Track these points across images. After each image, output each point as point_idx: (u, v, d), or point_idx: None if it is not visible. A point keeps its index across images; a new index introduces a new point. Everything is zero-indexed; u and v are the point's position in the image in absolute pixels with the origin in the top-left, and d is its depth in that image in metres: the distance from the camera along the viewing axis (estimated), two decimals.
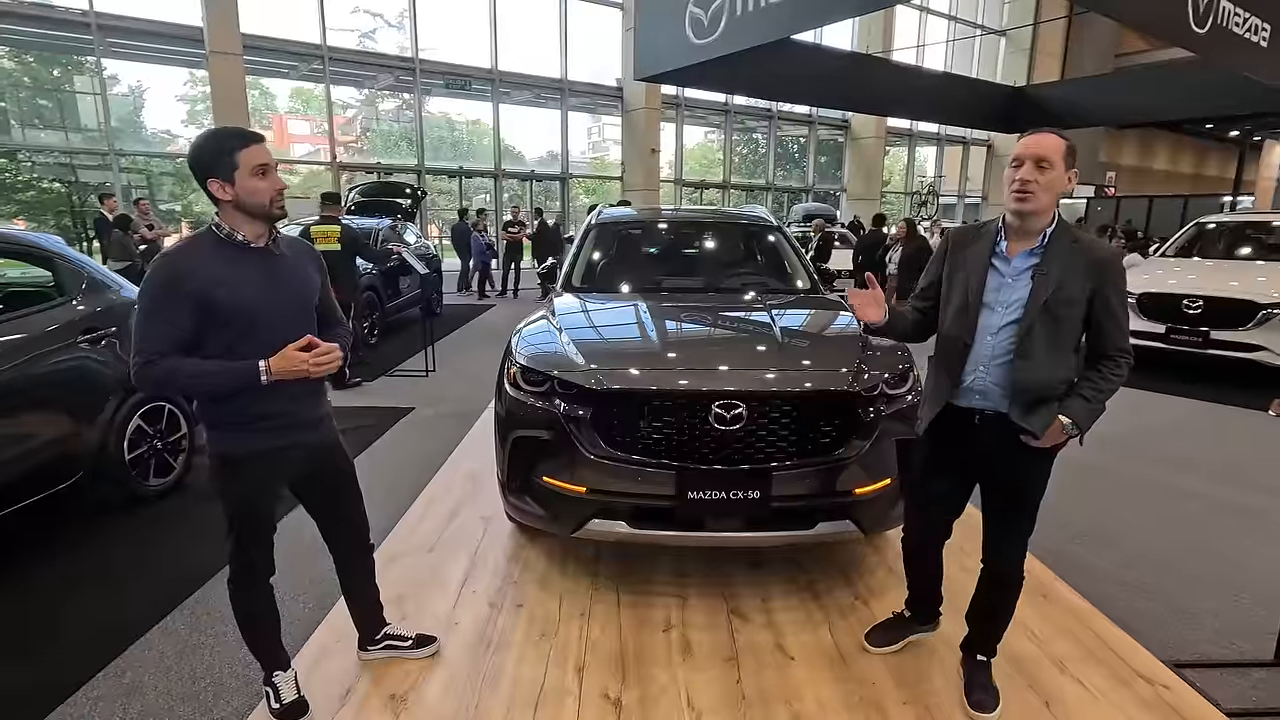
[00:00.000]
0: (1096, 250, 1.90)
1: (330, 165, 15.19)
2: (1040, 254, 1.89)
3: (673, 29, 8.71)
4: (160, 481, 3.62)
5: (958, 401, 2.00)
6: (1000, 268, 1.94)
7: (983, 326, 1.94)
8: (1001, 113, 14.00)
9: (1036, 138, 1.85)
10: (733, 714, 2.12)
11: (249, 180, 1.77)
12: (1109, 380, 1.89)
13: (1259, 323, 5.84)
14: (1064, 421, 1.85)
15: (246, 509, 1.94)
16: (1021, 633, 2.49)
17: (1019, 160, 1.85)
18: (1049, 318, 1.86)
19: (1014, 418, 1.90)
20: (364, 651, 2.35)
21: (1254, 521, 3.54)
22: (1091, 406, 1.87)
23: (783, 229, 4.26)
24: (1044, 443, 1.88)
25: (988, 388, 1.95)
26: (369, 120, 17.98)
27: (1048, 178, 1.82)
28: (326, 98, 15.00)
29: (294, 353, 1.80)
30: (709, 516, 2.52)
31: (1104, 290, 1.85)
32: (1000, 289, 1.93)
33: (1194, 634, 2.57)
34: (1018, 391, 1.89)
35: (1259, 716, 2.13)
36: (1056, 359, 1.88)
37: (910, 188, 23.63)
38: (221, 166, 1.76)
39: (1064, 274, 1.85)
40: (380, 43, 16.22)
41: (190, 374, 1.76)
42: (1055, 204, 1.88)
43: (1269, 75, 8.67)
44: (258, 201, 1.79)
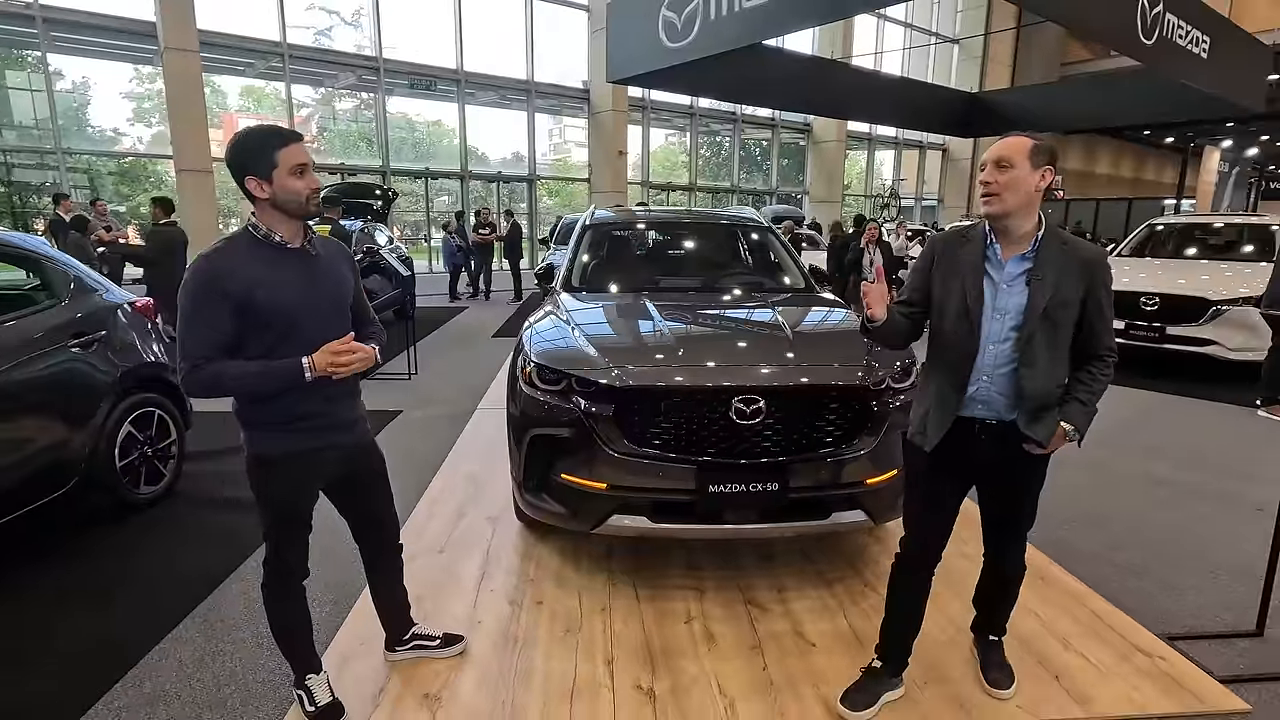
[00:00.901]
0: (1085, 251, 1.89)
1: None
2: (1033, 258, 1.86)
3: (645, 32, 8.78)
4: (151, 489, 3.52)
5: (963, 412, 1.96)
6: (994, 274, 1.90)
7: (985, 336, 1.90)
8: (958, 117, 14.45)
9: (1001, 140, 1.85)
10: (764, 700, 2.18)
11: (287, 179, 1.76)
12: (1100, 381, 1.91)
13: (1210, 318, 6.19)
14: (1066, 428, 1.87)
15: (284, 509, 1.92)
16: (1025, 613, 2.62)
17: (984, 164, 1.86)
18: (1048, 323, 1.85)
19: (1021, 427, 1.89)
20: (391, 652, 2.34)
21: (1222, 504, 3.76)
22: (1087, 410, 1.90)
23: (774, 230, 4.36)
24: (1048, 450, 1.91)
25: (991, 397, 1.91)
26: (325, 120, 17.60)
27: (1008, 176, 1.80)
28: (287, 96, 14.65)
29: (336, 345, 1.79)
30: (729, 509, 2.58)
31: (1096, 291, 1.86)
32: (997, 295, 1.90)
33: (1181, 609, 2.73)
34: (1024, 400, 1.88)
35: (1248, 682, 2.28)
36: (1056, 363, 1.90)
37: (870, 191, 24.19)
38: (260, 165, 1.75)
39: (1058, 278, 1.84)
40: (336, 41, 15.92)
41: (235, 376, 1.75)
42: (1031, 205, 1.84)
43: (1208, 84, 9.18)
44: (295, 200, 1.79)
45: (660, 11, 8.47)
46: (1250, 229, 7.56)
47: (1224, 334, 6.12)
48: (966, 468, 2.02)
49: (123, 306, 3.54)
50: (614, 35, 9.81)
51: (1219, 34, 9.16)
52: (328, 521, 2.05)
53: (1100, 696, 2.19)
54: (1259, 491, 3.81)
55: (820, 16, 8.39)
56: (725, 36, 7.77)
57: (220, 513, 3.50)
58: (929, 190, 25.26)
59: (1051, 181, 1.86)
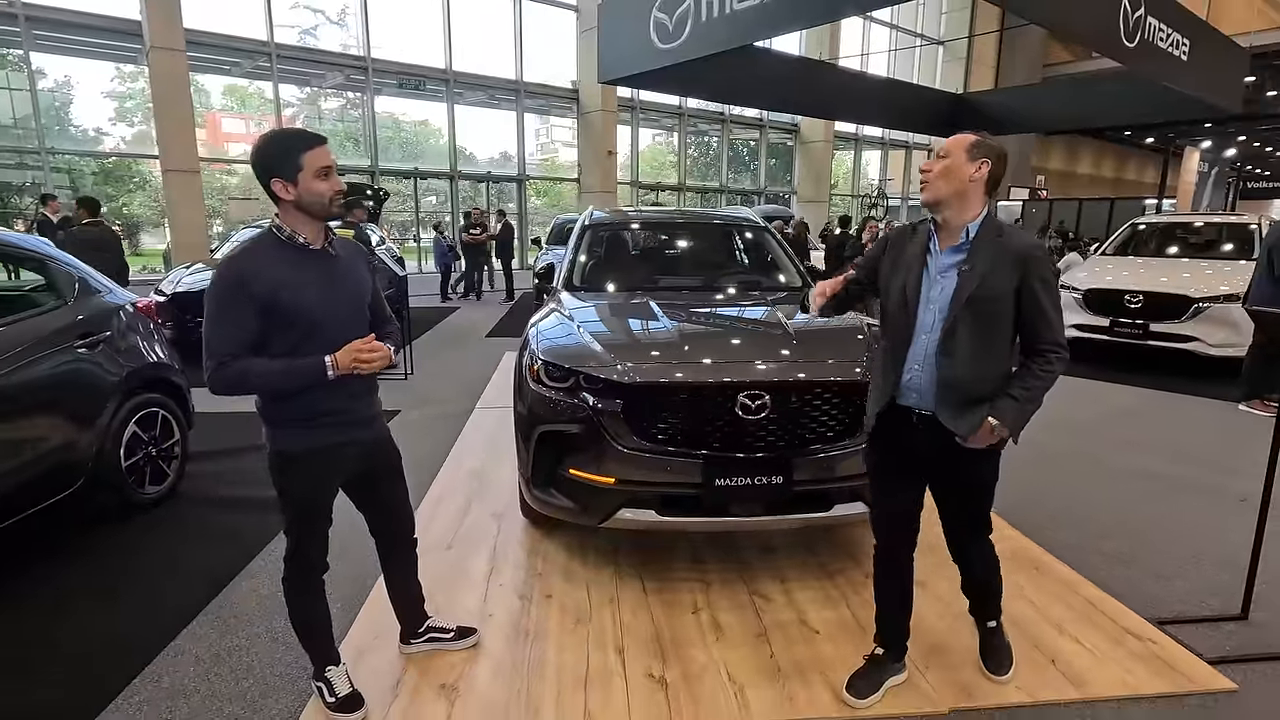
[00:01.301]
0: (1020, 243, 1.87)
1: None
2: (966, 250, 1.88)
3: (637, 33, 8.82)
4: (156, 489, 3.53)
5: (900, 400, 2.00)
6: (931, 265, 1.94)
7: (919, 325, 1.95)
8: (944, 118, 14.59)
9: (951, 136, 1.93)
10: (773, 686, 2.25)
11: (312, 181, 1.80)
12: (1038, 378, 1.87)
13: (1192, 315, 6.34)
14: (992, 423, 1.85)
15: (306, 504, 1.96)
16: (1020, 600, 2.71)
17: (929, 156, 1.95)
18: (973, 315, 1.85)
19: (942, 419, 1.90)
20: (406, 645, 2.38)
21: (1206, 496, 3.87)
22: (1021, 406, 1.85)
23: (771, 230, 4.44)
24: (974, 443, 1.89)
25: (922, 387, 1.94)
26: (311, 119, 17.48)
27: (943, 165, 1.85)
28: (275, 96, 14.56)
29: (357, 346, 1.84)
30: (735, 502, 2.64)
31: (1029, 283, 1.84)
32: (930, 287, 1.93)
33: (1170, 595, 2.83)
34: (943, 390, 1.89)
35: (1234, 662, 2.37)
36: (984, 357, 1.87)
37: (856, 190, 24.39)
38: (286, 167, 1.78)
39: (987, 269, 1.84)
40: (322, 40, 15.84)
41: (260, 374, 1.78)
42: (964, 195, 1.86)
43: (1188, 86, 9.37)
44: (319, 201, 1.83)
45: (652, 13, 8.52)
46: (1229, 228, 7.74)
47: (1205, 331, 6.27)
48: (913, 460, 2.05)
49: (125, 307, 3.55)
50: (605, 36, 9.85)
51: (1198, 37, 9.36)
52: (339, 518, 2.08)
53: (1095, 679, 2.28)
54: (1241, 484, 3.93)
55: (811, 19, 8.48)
56: (717, 38, 7.83)
57: (224, 512, 3.52)
58: (915, 190, 25.50)
59: (986, 174, 1.86)
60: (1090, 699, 2.19)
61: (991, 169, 1.87)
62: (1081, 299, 7.04)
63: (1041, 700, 2.19)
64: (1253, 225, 7.56)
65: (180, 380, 3.78)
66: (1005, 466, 2.06)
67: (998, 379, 1.89)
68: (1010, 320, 1.89)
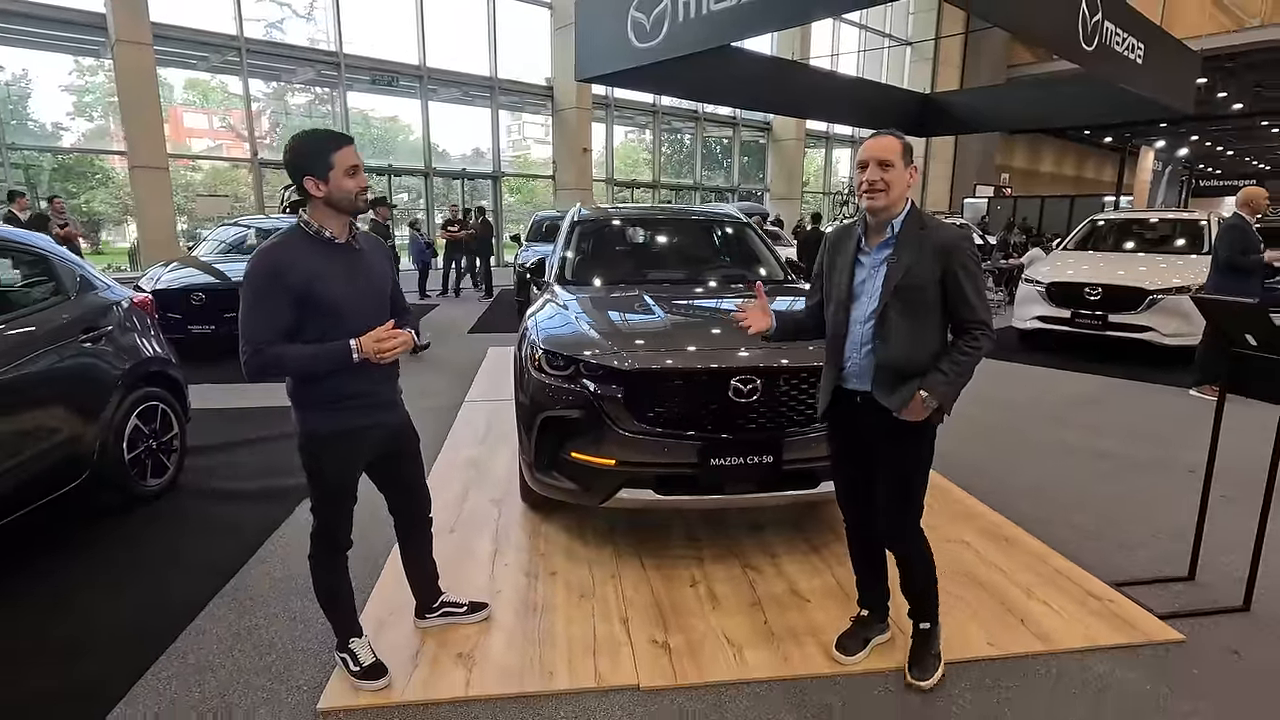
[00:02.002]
0: (942, 236, 2.02)
1: (251, 162, 14.55)
2: (892, 244, 2.05)
3: (614, 31, 8.93)
4: (157, 482, 3.58)
5: (844, 385, 2.17)
6: (864, 261, 2.11)
7: (853, 317, 2.12)
8: (912, 117, 14.96)
9: (878, 141, 2.02)
10: (769, 648, 2.42)
11: (342, 179, 1.92)
12: (966, 354, 2.01)
13: (1147, 307, 6.70)
14: (922, 395, 1.99)
15: (334, 483, 2.07)
16: (991, 569, 2.93)
17: (864, 163, 2.02)
18: (902, 302, 2.01)
19: (877, 396, 2.06)
20: (421, 620, 2.51)
21: (1159, 474, 4.15)
22: (949, 380, 1.99)
23: (754, 226, 4.62)
24: (907, 416, 2.02)
25: (862, 371, 2.11)
26: (278, 115, 17.23)
27: (890, 175, 1.98)
28: (244, 91, 14.37)
29: (380, 332, 1.96)
30: (729, 481, 2.81)
31: (952, 270, 1.98)
32: (864, 280, 2.10)
33: (1129, 563, 3.06)
34: (878, 371, 2.06)
35: (1182, 617, 2.61)
36: (915, 339, 2.03)
37: (828, 188, 24.81)
38: (318, 166, 1.90)
39: (912, 260, 2.00)
40: (288, 34, 15.64)
41: (293, 358, 1.90)
42: (903, 197, 2.04)
43: (1143, 87, 9.80)
44: (347, 197, 1.94)
45: (629, 11, 8.65)
46: (1182, 224, 8.14)
47: (1160, 321, 6.63)
48: (858, 440, 2.20)
49: (122, 302, 3.60)
50: (582, 34, 9.93)
51: (1152, 40, 9.78)
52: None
53: (1058, 633, 2.50)
54: (1190, 461, 4.24)
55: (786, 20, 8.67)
56: (694, 38, 7.98)
57: (225, 503, 3.59)
58: None
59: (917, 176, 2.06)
60: (1055, 650, 2.41)
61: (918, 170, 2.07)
62: (1044, 292, 7.38)
63: (1012, 653, 2.40)
64: (1202, 222, 7.97)
65: (178, 374, 3.83)
66: (981, 451, 2.23)
67: (927, 358, 2.04)
68: (937, 305, 2.03)
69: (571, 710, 2.13)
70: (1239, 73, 23.58)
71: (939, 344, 2.07)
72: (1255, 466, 2.81)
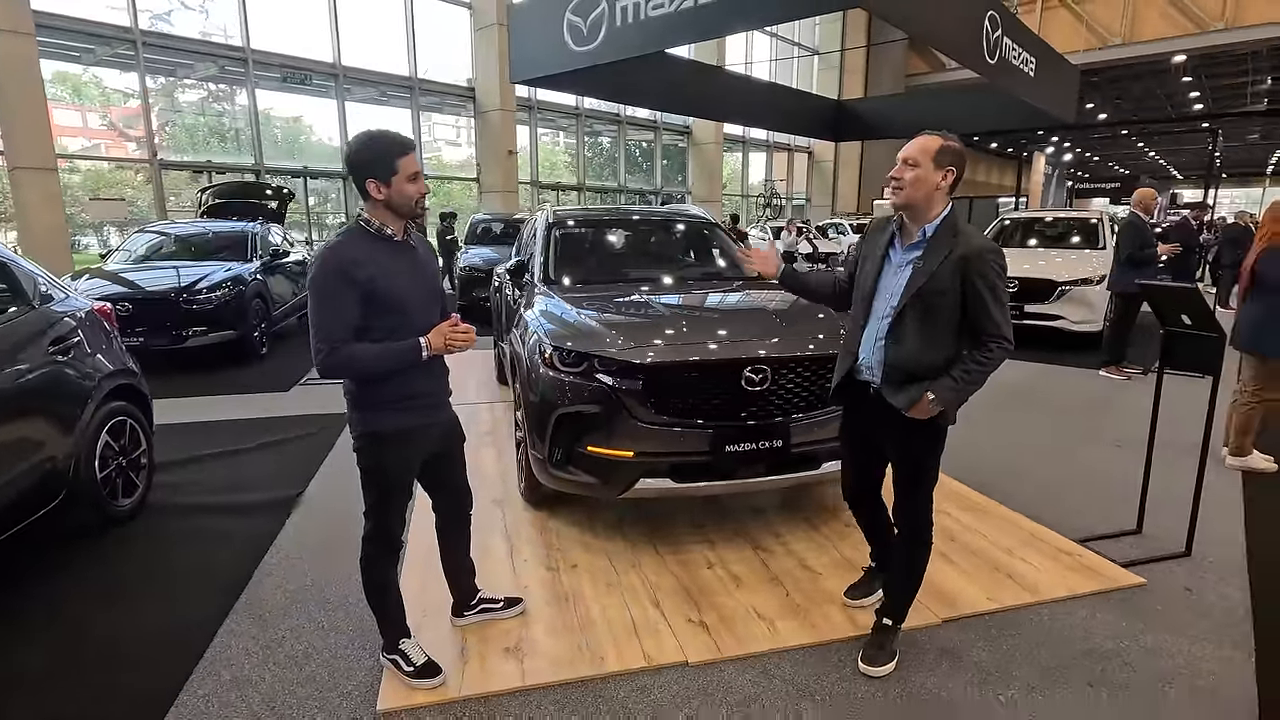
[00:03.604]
0: (969, 244, 2.02)
1: (151, 163, 13.57)
2: (922, 247, 2.07)
3: (550, 35, 8.96)
4: (129, 500, 3.37)
5: (859, 375, 2.24)
6: (892, 258, 2.16)
7: (874, 310, 2.17)
8: (826, 122, 15.79)
9: (916, 138, 2.05)
10: (797, 618, 2.59)
11: (404, 184, 1.93)
12: (979, 364, 2.03)
13: (1057, 297, 7.38)
14: (930, 397, 2.04)
15: (393, 481, 2.08)
16: (974, 534, 3.23)
17: (896, 160, 2.07)
18: (922, 305, 2.04)
19: (884, 394, 2.12)
20: (459, 618, 2.52)
21: (1091, 448, 4.64)
22: (958, 387, 2.03)
23: (721, 226, 4.81)
24: (913, 415, 2.07)
25: (874, 364, 2.17)
26: (166, 113, 16.05)
27: (913, 174, 2.01)
28: (141, 86, 13.40)
29: (444, 327, 1.99)
30: (742, 466, 2.96)
31: (971, 279, 2.00)
32: (888, 277, 2.15)
33: (1083, 523, 3.41)
34: (888, 369, 2.12)
35: (1140, 564, 2.97)
36: (928, 343, 2.06)
37: (745, 190, 25.60)
38: (381, 169, 1.91)
39: (938, 266, 2.02)
40: (176, 26, 14.64)
41: (363, 357, 1.90)
42: (935, 199, 2.04)
43: (1036, 99, 10.77)
44: (407, 203, 1.96)
45: (565, 15, 8.71)
46: (1079, 222, 8.99)
47: (1069, 310, 7.33)
48: (868, 425, 2.31)
49: (85, 311, 3.37)
50: (516, 36, 9.90)
51: (1042, 56, 10.77)
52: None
53: (1043, 586, 2.80)
54: (1113, 432, 4.76)
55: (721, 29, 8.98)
56: (631, 43, 8.14)
57: (207, 518, 3.43)
58: (798, 190, 27.14)
59: (951, 181, 2.05)
60: (1044, 600, 2.70)
61: (956, 175, 2.06)
62: None
63: (1008, 606, 2.67)
64: (1094, 220, 8.84)
65: (143, 387, 3.62)
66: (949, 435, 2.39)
67: (938, 363, 2.07)
68: (954, 312, 2.05)
69: (629, 689, 2.22)
70: (1103, 86, 26.15)
71: (952, 349, 2.09)
72: (1177, 435, 3.22)
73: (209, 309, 6.52)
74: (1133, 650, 2.41)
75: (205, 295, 6.52)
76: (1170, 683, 2.25)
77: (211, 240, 7.89)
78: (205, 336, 6.51)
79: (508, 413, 5.16)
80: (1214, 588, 2.83)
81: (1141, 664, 2.34)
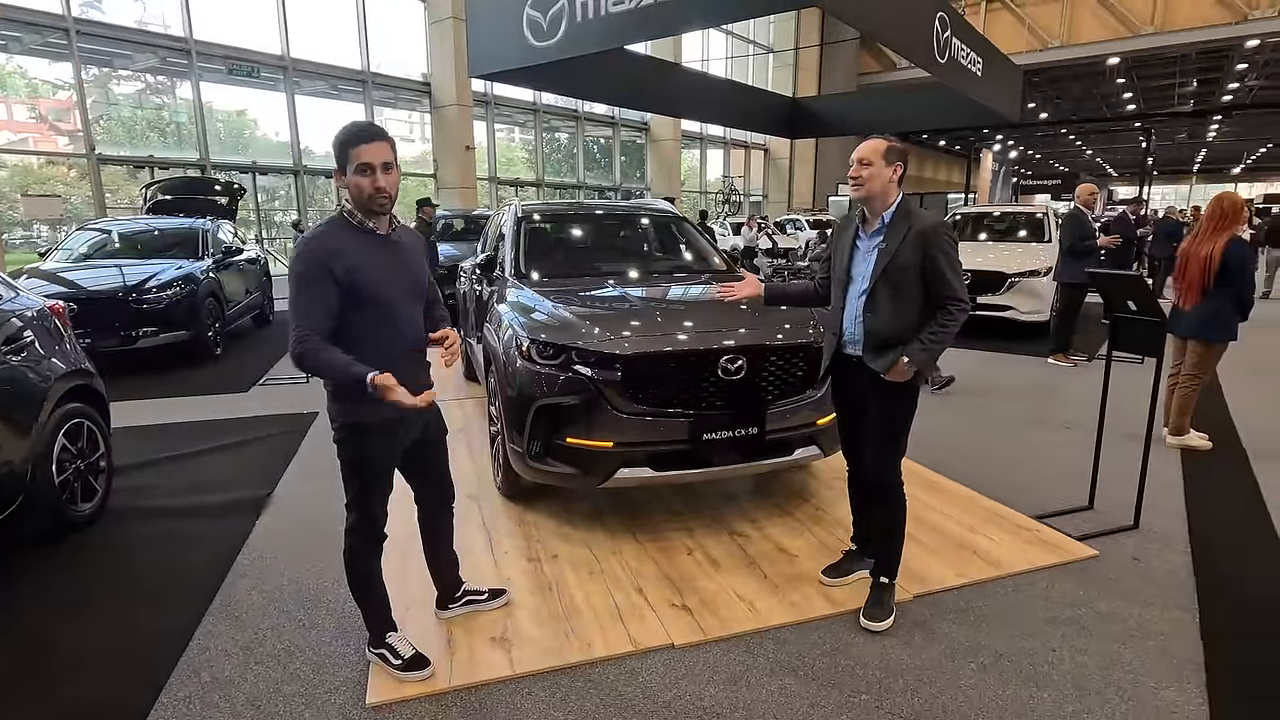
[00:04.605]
0: (923, 222, 2.36)
1: (87, 157, 12.98)
2: (884, 232, 2.39)
3: (509, 29, 8.90)
4: (88, 505, 3.26)
5: (844, 350, 2.53)
6: (859, 246, 2.48)
7: (850, 293, 2.49)
8: (782, 119, 16.08)
9: (866, 142, 2.39)
10: (775, 597, 2.67)
11: (353, 177, 1.90)
12: (943, 325, 2.33)
13: (1007, 288, 7.68)
14: (904, 360, 2.32)
15: (377, 470, 2.08)
16: (936, 513, 3.36)
17: (851, 162, 2.40)
18: (889, 282, 2.36)
19: (865, 359, 2.42)
20: (444, 610, 2.53)
21: (1040, 427, 4.86)
22: (926, 348, 2.33)
23: (690, 220, 4.87)
24: (890, 377, 2.35)
25: (856, 338, 2.47)
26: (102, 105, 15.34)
27: (869, 172, 2.35)
28: (76, 77, 12.80)
29: (397, 388, 1.85)
30: (718, 454, 3.03)
31: (930, 253, 2.31)
32: (859, 263, 2.47)
33: (1036, 499, 3.57)
34: (868, 338, 2.42)
35: (1092, 538, 3.14)
36: (899, 313, 2.36)
37: (703, 186, 25.82)
38: (340, 159, 1.91)
39: (899, 246, 2.33)
40: (108, 14, 14.01)
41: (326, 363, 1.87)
42: (890, 191, 2.37)
43: (984, 97, 11.17)
44: (357, 196, 1.92)
45: (524, 9, 8.66)
46: (1025, 216, 9.36)
47: (1019, 301, 7.62)
48: (853, 393, 2.56)
49: (36, 310, 3.24)
50: (474, 30, 9.80)
51: (988, 56, 11.17)
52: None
53: (1005, 560, 2.94)
54: (1061, 416, 5.00)
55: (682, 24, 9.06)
56: (591, 39, 8.15)
57: (174, 521, 3.33)
58: (755, 187, 27.49)
59: (901, 173, 2.39)
60: (1007, 574, 2.84)
61: (903, 168, 2.40)
62: None
63: (975, 580, 2.80)
64: (1039, 214, 9.22)
65: (100, 388, 3.50)
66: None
67: (910, 329, 2.37)
68: (918, 284, 2.36)
69: (617, 673, 2.26)
70: (1043, 86, 27.17)
71: (920, 316, 2.38)
72: (1120, 417, 3.39)
73: (160, 309, 6.30)
74: (1089, 616, 2.56)
75: (155, 294, 6.30)
76: (1124, 644, 2.40)
77: (159, 238, 7.62)
78: (156, 337, 6.29)
79: (478, 409, 5.14)
80: (1159, 555, 3.02)
81: (1097, 628, 2.49)
